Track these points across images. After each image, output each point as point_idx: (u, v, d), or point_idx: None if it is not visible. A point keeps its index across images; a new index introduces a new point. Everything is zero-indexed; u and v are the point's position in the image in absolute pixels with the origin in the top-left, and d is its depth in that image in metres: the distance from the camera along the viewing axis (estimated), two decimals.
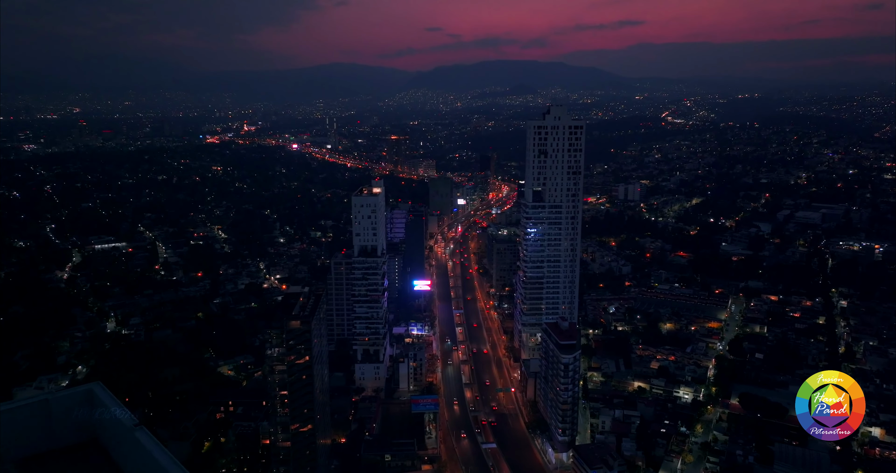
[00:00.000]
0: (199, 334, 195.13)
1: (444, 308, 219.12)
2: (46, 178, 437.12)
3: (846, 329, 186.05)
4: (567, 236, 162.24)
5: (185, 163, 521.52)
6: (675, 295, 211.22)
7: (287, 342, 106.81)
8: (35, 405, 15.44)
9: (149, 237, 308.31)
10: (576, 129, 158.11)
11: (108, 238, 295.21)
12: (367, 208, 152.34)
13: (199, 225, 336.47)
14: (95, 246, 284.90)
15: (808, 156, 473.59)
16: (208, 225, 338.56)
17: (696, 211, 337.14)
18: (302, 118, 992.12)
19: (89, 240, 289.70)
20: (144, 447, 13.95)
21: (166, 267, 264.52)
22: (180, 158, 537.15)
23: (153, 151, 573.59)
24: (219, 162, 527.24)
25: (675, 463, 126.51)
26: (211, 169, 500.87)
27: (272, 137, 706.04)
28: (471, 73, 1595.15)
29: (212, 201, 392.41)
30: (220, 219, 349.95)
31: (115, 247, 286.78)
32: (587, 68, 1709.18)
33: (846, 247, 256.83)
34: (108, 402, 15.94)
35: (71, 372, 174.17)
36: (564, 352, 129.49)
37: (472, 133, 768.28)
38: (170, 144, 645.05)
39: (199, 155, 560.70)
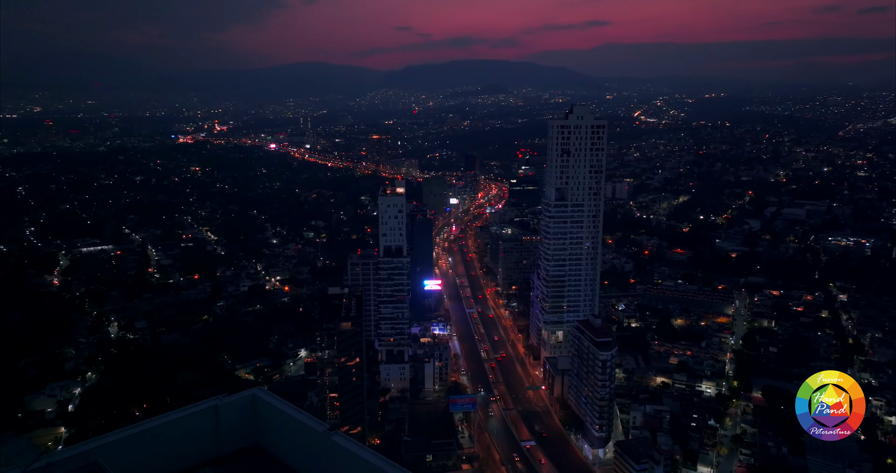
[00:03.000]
0: (209, 337, 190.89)
1: (454, 308, 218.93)
2: (17, 179, 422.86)
3: (850, 322, 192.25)
4: (589, 234, 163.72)
5: (161, 163, 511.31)
6: (681, 292, 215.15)
7: (338, 343, 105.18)
8: (206, 411, 15.10)
9: (136, 240, 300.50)
10: (598, 128, 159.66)
11: (94, 241, 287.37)
12: (394, 207, 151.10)
13: (186, 227, 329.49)
14: (82, 249, 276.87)
15: (783, 154, 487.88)
16: (196, 227, 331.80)
17: (685, 209, 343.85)
18: (274, 118, 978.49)
19: (75, 243, 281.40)
20: (347, 449, 13.55)
21: (160, 270, 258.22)
22: (155, 159, 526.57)
23: (125, 152, 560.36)
24: (196, 162, 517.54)
25: (711, 456, 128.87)
26: (189, 170, 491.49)
27: (247, 137, 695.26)
28: (442, 72, 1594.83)
29: (195, 203, 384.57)
30: (207, 220, 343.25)
31: (102, 250, 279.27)
32: (557, 68, 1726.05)
33: (835, 242, 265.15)
34: (273, 407, 15.55)
35: (80, 379, 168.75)
36: (602, 349, 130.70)
37: (448, 132, 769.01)
38: (141, 145, 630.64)
39: (174, 155, 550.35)
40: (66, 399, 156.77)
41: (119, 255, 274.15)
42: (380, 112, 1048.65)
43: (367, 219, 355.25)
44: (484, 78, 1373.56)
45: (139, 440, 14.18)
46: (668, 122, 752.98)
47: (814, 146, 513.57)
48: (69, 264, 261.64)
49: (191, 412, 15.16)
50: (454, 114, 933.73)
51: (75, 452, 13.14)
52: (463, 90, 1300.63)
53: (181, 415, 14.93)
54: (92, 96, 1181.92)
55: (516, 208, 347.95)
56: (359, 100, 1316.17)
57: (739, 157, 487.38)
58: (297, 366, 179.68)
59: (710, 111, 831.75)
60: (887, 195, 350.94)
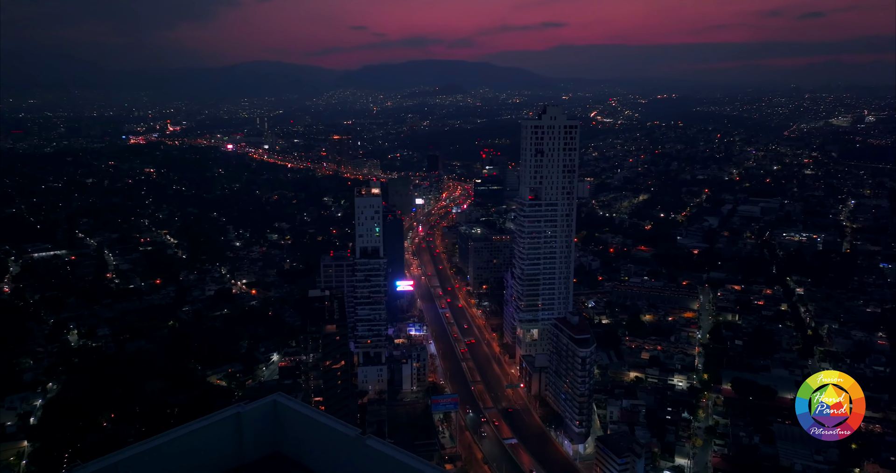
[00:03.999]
0: (176, 343, 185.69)
1: (427, 308, 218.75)
2: None
3: (808, 315, 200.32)
4: (562, 233, 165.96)
5: (114, 165, 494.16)
6: (648, 288, 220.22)
7: (323, 347, 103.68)
8: (228, 420, 14.86)
9: (91, 244, 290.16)
10: (571, 128, 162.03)
11: (45, 246, 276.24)
12: (371, 208, 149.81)
13: (144, 230, 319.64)
14: (34, 255, 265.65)
15: (735, 153, 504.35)
16: (154, 230, 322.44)
17: (646, 207, 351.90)
18: (229, 118, 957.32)
19: (25, 248, 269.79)
20: (383, 453, 13.50)
21: (120, 275, 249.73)
22: (106, 160, 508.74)
23: (74, 153, 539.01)
24: (150, 164, 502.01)
25: (687, 448, 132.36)
26: (143, 171, 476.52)
27: (203, 138, 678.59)
28: (399, 72, 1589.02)
29: (151, 205, 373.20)
30: (165, 223, 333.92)
31: (55, 255, 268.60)
32: (513, 69, 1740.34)
33: (789, 238, 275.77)
34: (298, 412, 15.42)
35: (41, 390, 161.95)
36: (582, 346, 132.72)
37: (408, 133, 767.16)
38: (91, 145, 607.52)
39: (126, 156, 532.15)
40: (27, 412, 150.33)
41: (74, 260, 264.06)
42: (338, 112, 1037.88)
43: (331, 220, 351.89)
44: (441, 78, 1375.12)
45: (162, 451, 13.73)
46: (624, 122, 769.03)
47: (763, 146, 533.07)
48: (20, 270, 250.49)
49: (213, 420, 14.70)
50: (413, 114, 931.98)
51: (100, 466, 12.75)
52: (421, 90, 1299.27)
53: (204, 424, 14.48)
54: (34, 95, 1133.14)
55: (482, 208, 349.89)
56: (315, 100, 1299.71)
57: (694, 156, 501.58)
58: (270, 371, 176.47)
59: (662, 111, 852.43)
60: (833, 193, 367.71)
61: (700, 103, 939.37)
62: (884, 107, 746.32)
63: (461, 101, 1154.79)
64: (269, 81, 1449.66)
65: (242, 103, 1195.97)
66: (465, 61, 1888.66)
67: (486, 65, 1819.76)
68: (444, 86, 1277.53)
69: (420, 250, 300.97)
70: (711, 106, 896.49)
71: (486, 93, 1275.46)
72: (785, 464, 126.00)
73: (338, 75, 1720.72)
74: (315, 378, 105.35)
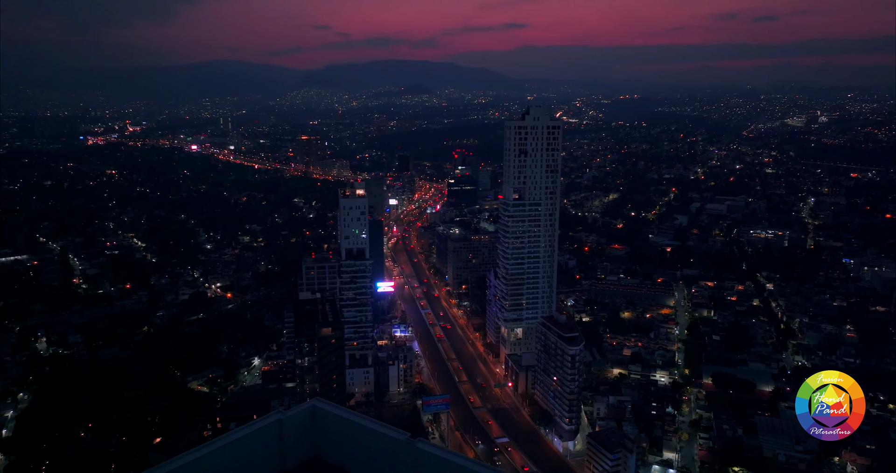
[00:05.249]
0: (152, 349, 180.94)
1: (408, 309, 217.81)
2: None
3: (779, 309, 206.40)
4: (546, 232, 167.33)
5: (73, 166, 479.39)
6: (625, 286, 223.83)
7: (319, 350, 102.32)
8: (270, 426, 14.74)
9: (54, 249, 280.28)
10: (553, 129, 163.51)
11: (6, 251, 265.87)
12: (357, 210, 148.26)
13: (109, 234, 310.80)
14: None
15: (699, 153, 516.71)
16: (120, 233, 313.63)
17: (616, 206, 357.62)
18: (191, 118, 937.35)
19: None
20: (437, 456, 13.49)
21: (87, 280, 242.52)
22: (65, 162, 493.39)
23: (29, 154, 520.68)
24: (112, 165, 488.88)
25: (674, 442, 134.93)
26: (105, 173, 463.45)
27: (165, 138, 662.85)
28: (364, 72, 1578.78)
29: (115, 208, 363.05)
30: (131, 226, 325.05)
31: (16, 261, 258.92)
32: (477, 69, 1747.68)
33: (756, 235, 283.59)
34: (339, 417, 15.35)
35: (11, 401, 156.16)
36: (571, 344, 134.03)
37: (375, 133, 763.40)
38: (47, 146, 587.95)
39: (85, 158, 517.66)
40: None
41: (36, 265, 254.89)
42: (302, 112, 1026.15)
43: (303, 222, 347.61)
44: (406, 78, 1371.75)
45: (206, 462, 13.44)
46: (589, 122, 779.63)
47: (724, 145, 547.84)
48: None
49: (256, 428, 14.45)
50: (380, 114, 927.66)
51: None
52: (386, 90, 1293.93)
53: (247, 432, 14.21)
54: None
55: (455, 208, 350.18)
56: (279, 99, 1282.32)
57: (659, 155, 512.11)
58: (252, 375, 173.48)
59: (625, 112, 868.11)
60: (794, 191, 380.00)
61: (661, 104, 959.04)
62: (834, 108, 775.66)
63: (427, 101, 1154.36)
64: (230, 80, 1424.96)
65: (204, 103, 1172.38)
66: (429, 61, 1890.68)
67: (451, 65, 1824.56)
68: (410, 86, 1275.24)
69: (397, 250, 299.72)
70: (672, 106, 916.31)
71: (452, 93, 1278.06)
72: (768, 455, 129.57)
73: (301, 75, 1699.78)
74: (311, 382, 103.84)
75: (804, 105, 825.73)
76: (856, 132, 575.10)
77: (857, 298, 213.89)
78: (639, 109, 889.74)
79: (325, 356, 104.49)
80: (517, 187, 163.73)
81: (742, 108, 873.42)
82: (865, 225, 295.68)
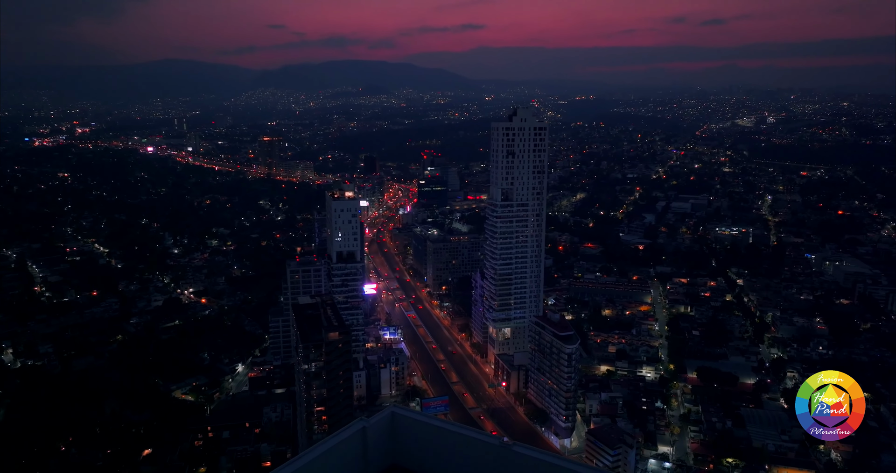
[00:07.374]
0: (129, 358, 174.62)
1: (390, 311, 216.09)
2: None
3: (752, 304, 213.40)
4: (533, 232, 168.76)
5: (20, 169, 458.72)
6: (602, 284, 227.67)
7: (326, 354, 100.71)
8: (355, 435, 14.86)
9: (10, 256, 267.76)
10: (540, 130, 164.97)
11: None
12: (348, 212, 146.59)
13: (69, 239, 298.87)
14: None
15: (658, 152, 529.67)
16: (80, 239, 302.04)
17: (584, 205, 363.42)
18: (142, 119, 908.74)
19: None
20: (535, 458, 13.48)
21: (50, 288, 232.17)
22: (11, 164, 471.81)
23: None
24: (63, 168, 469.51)
25: (667, 436, 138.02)
26: (57, 176, 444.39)
27: (117, 140, 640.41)
28: (320, 72, 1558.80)
29: (72, 212, 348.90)
30: (91, 231, 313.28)
31: None
32: (434, 69, 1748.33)
33: (722, 232, 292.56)
34: (421, 423, 15.45)
35: None
36: (567, 343, 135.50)
37: (336, 134, 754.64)
38: None
39: (34, 160, 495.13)
40: None
41: None
42: (259, 113, 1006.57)
43: (271, 224, 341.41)
44: (363, 78, 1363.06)
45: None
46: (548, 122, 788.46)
47: (682, 145, 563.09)
48: None
49: (343, 437, 14.42)
50: (338, 115, 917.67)
51: None
52: (343, 91, 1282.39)
53: (335, 443, 14.18)
54: None
55: (426, 209, 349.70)
56: (234, 100, 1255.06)
57: (620, 155, 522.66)
58: (237, 382, 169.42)
59: (582, 112, 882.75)
60: (752, 189, 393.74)
61: (616, 104, 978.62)
62: (780, 109, 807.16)
63: (385, 101, 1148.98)
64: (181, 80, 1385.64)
65: (155, 104, 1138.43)
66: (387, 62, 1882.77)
67: (409, 65, 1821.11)
68: (367, 86, 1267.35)
69: (372, 252, 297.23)
70: (628, 107, 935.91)
71: (410, 94, 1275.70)
72: (757, 446, 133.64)
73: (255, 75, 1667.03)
74: (318, 387, 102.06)
75: (752, 106, 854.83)
76: (801, 132, 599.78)
77: (822, 291, 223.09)
78: (595, 109, 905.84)
79: (332, 360, 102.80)
80: (505, 188, 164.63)
81: (694, 108, 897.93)
82: (822, 221, 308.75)
